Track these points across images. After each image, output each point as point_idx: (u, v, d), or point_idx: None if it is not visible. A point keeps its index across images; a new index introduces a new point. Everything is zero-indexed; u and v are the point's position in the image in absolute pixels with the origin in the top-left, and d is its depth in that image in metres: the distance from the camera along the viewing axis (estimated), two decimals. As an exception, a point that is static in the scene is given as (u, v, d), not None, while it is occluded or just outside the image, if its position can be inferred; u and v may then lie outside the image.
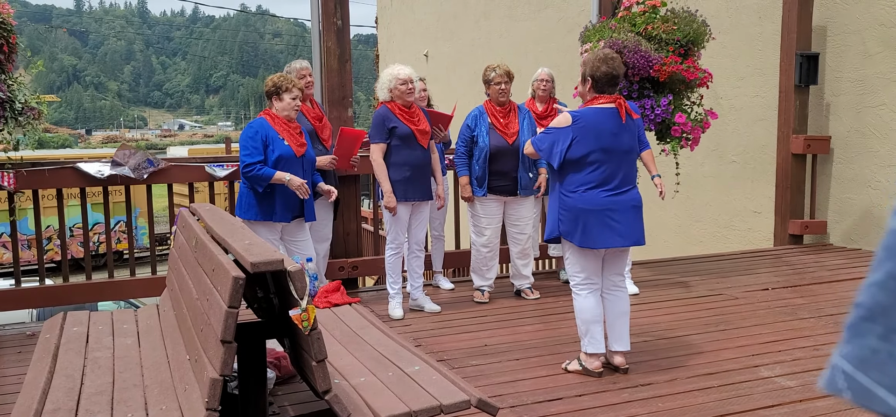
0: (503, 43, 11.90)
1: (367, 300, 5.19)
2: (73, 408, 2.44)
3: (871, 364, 0.61)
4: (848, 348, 0.64)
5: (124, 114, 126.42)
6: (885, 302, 0.62)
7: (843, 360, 0.64)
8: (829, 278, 5.59)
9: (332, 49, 5.48)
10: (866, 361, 0.62)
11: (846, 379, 0.63)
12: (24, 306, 5.18)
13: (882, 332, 0.61)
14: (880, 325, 0.62)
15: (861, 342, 0.63)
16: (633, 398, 3.35)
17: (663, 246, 8.48)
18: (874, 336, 0.62)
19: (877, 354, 0.61)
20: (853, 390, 0.62)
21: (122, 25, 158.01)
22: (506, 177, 5.00)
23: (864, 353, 0.62)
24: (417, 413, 2.43)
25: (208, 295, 2.42)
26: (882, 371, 0.60)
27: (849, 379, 0.63)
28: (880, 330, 0.61)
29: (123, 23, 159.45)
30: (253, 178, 4.32)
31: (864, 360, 0.62)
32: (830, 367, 0.64)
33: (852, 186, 6.65)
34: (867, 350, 0.62)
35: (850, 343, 0.64)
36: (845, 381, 0.63)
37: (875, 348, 0.61)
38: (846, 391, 0.63)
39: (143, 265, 6.02)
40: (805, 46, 6.72)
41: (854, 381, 0.62)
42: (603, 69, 3.51)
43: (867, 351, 0.62)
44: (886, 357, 0.60)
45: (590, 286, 3.61)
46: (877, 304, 0.62)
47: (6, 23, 4.28)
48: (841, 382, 0.63)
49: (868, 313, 0.63)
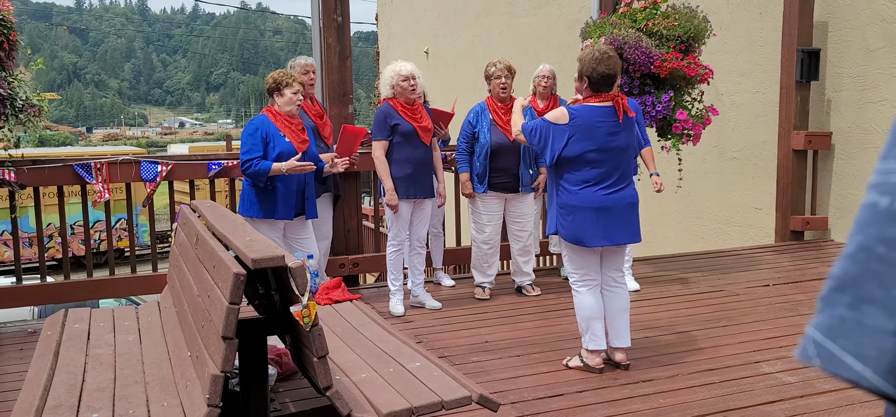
0: (504, 39, 11.88)
1: (368, 297, 5.19)
2: (74, 405, 2.44)
3: (838, 332, 0.65)
4: (819, 318, 0.68)
5: (125, 112, 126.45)
6: (855, 273, 0.65)
7: (814, 330, 0.67)
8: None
9: (332, 46, 5.47)
10: (834, 329, 0.65)
11: (816, 347, 0.66)
12: (25, 303, 5.19)
13: (850, 301, 0.65)
14: (848, 295, 0.65)
15: (831, 312, 0.66)
16: (634, 394, 3.35)
17: (664, 242, 8.48)
18: (843, 305, 0.65)
19: (844, 323, 0.64)
20: (822, 357, 0.66)
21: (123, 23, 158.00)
22: (507, 174, 5.00)
23: (834, 322, 0.65)
24: (419, 409, 2.43)
25: (209, 291, 2.42)
26: (849, 338, 0.64)
27: (818, 347, 0.66)
28: (848, 299, 0.65)
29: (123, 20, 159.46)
30: (252, 174, 4.31)
31: (833, 329, 0.65)
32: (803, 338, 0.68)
33: (853, 182, 6.64)
34: (836, 320, 0.65)
35: (822, 313, 0.67)
36: (815, 349, 0.67)
37: (844, 317, 0.65)
38: (816, 358, 0.66)
39: (144, 262, 6.02)
40: (806, 42, 6.71)
41: (823, 349, 0.66)
42: (599, 70, 3.47)
43: (836, 320, 0.65)
44: (854, 326, 0.64)
45: (589, 283, 3.61)
46: (847, 275, 0.66)
47: (6, 19, 4.28)
48: (811, 350, 0.67)
49: (838, 284, 0.66)
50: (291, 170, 4.27)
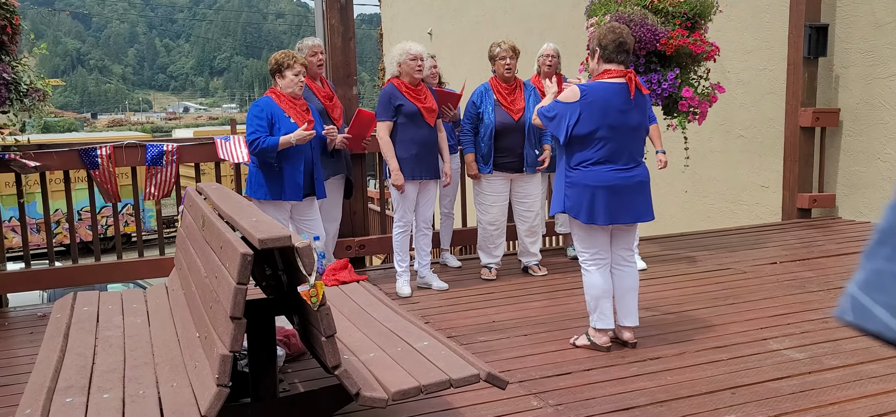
0: (508, 19, 11.81)
1: (375, 278, 5.20)
2: (85, 386, 2.46)
3: (874, 285, 0.63)
4: (859, 273, 0.66)
5: (129, 98, 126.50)
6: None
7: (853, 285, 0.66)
8: (837, 251, 5.56)
9: (335, 27, 5.45)
10: (870, 283, 0.64)
11: (852, 302, 0.65)
12: (35, 287, 5.22)
13: (889, 253, 0.63)
14: (889, 247, 0.63)
15: (870, 265, 0.65)
16: (641, 372, 3.35)
17: (670, 221, 8.46)
18: (882, 257, 0.64)
19: (880, 275, 0.63)
20: (855, 310, 0.64)
21: (125, 8, 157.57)
22: (512, 154, 4.98)
23: (870, 276, 0.64)
24: (427, 387, 2.44)
25: (217, 272, 2.42)
26: (882, 290, 0.62)
27: (853, 301, 0.65)
28: (888, 251, 0.63)
29: (126, 5, 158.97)
30: (260, 152, 4.31)
31: (869, 282, 0.64)
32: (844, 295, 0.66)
33: (861, 159, 6.60)
34: (873, 273, 0.64)
35: (862, 268, 0.66)
36: (850, 304, 0.65)
37: (880, 269, 0.63)
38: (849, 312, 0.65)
39: (151, 247, 6.04)
40: (814, 17, 6.64)
41: (856, 302, 0.64)
42: (610, 36, 3.48)
43: (873, 274, 0.64)
44: (889, 278, 0.62)
45: (599, 262, 3.60)
46: (890, 227, 0.64)
47: (8, 4, 4.27)
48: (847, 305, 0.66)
49: (881, 236, 0.65)
50: (300, 139, 4.27)
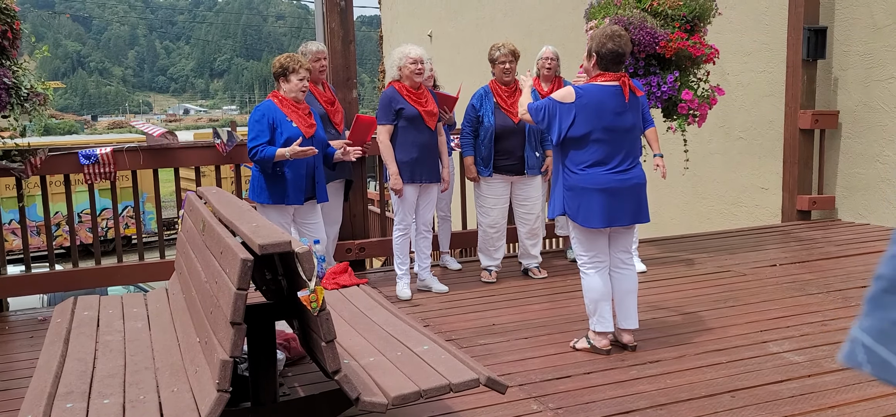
0: (508, 22, 11.82)
1: (375, 281, 5.21)
2: (85, 391, 2.46)
3: (891, 336, 0.60)
4: (868, 321, 0.63)
5: (129, 100, 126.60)
6: None
7: (862, 333, 0.63)
8: (837, 253, 5.57)
9: (335, 30, 5.46)
10: (886, 333, 0.61)
11: (866, 352, 0.62)
12: (35, 291, 5.22)
13: None
14: None
15: (882, 315, 0.61)
16: (641, 375, 3.35)
17: (670, 223, 8.47)
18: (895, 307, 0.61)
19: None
20: (873, 363, 0.61)
21: (125, 10, 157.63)
22: (512, 157, 4.99)
23: (885, 326, 0.61)
24: (427, 391, 2.44)
25: (217, 277, 2.43)
26: None
27: (869, 352, 0.62)
28: None
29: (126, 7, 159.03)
30: (259, 160, 4.33)
31: (885, 332, 0.61)
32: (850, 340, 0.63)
33: (861, 161, 6.61)
34: (888, 323, 0.61)
35: (871, 316, 0.63)
36: (865, 354, 0.62)
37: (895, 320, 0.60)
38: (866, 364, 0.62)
39: (152, 250, 6.05)
40: (812, 20, 6.65)
41: (874, 354, 0.61)
42: (609, 46, 3.48)
43: (888, 324, 0.61)
44: None
45: (597, 265, 3.61)
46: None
47: (9, 8, 4.28)
48: (860, 355, 0.62)
49: (890, 285, 0.61)
50: (294, 155, 4.27)
